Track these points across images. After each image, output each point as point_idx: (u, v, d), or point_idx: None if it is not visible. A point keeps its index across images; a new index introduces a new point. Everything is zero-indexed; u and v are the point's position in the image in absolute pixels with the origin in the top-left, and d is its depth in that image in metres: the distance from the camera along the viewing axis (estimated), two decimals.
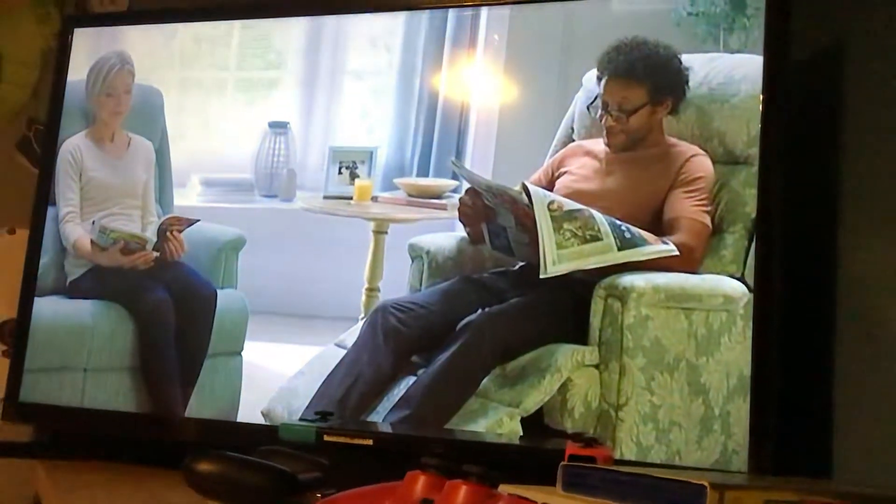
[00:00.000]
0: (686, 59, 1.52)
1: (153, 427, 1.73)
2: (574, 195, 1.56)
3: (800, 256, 1.43)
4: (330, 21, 1.84)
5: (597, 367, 1.45)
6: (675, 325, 1.43)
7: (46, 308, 1.82)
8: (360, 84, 1.83)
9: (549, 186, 1.61)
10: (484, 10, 1.70)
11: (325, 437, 1.36)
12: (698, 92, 1.51)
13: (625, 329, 1.44)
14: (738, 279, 1.43)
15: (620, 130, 1.56)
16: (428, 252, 1.66)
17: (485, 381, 1.50)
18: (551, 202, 1.49)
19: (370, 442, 1.40)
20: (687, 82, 1.52)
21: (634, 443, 1.41)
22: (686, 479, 0.82)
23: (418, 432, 1.50)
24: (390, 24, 1.79)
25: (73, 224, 1.84)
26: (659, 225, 1.51)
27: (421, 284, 1.65)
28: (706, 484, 0.79)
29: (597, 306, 1.46)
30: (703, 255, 1.47)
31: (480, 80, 1.74)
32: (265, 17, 1.85)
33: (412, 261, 1.67)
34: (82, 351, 1.79)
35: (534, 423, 1.46)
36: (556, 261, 1.46)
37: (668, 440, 1.40)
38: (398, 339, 1.56)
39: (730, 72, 1.49)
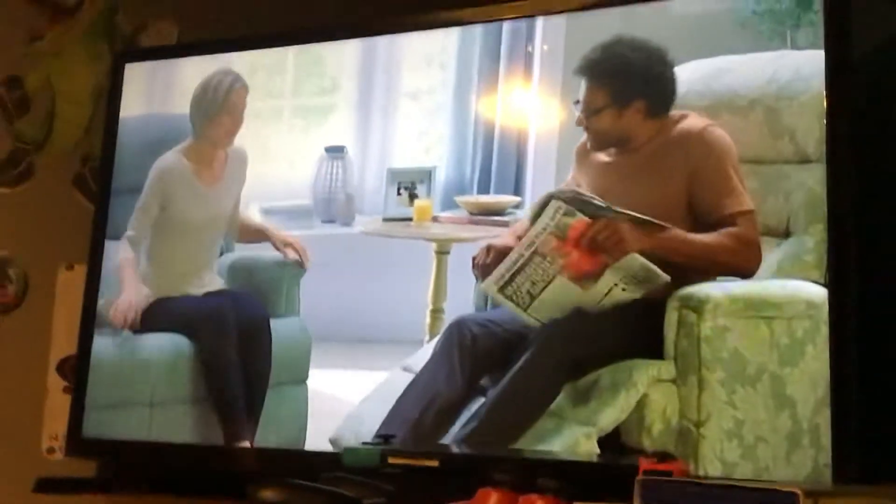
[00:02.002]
0: (751, 57, 1.48)
1: (217, 458, 1.72)
2: None
3: (877, 258, 1.36)
4: (382, 42, 1.82)
5: (673, 381, 1.40)
6: (755, 334, 1.37)
7: (108, 344, 1.82)
8: (415, 104, 1.81)
9: None
10: (539, 22, 1.67)
11: (390, 460, 1.33)
12: (767, 90, 1.46)
13: (701, 341, 1.39)
14: (822, 285, 1.36)
15: (591, 132, 1.55)
16: None
17: (559, 399, 1.46)
18: None
19: (436, 463, 1.36)
20: (666, 83, 1.48)
21: (719, 460, 1.35)
22: (773, 487, 0.79)
23: (486, 447, 1.46)
24: (444, 42, 1.77)
25: (125, 244, 1.83)
26: (692, 217, 1.46)
27: (486, 304, 1.61)
28: (798, 491, 0.76)
29: (671, 318, 1.42)
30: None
31: (538, 92, 1.70)
32: (313, 41, 1.84)
33: (476, 280, 1.63)
34: (146, 385, 1.78)
35: (611, 442, 1.41)
36: None
37: (755, 456, 1.34)
38: (473, 355, 1.53)
39: (798, 68, 1.44)
